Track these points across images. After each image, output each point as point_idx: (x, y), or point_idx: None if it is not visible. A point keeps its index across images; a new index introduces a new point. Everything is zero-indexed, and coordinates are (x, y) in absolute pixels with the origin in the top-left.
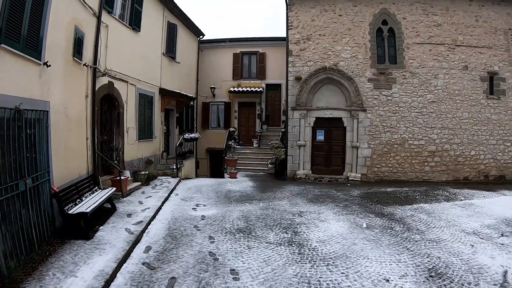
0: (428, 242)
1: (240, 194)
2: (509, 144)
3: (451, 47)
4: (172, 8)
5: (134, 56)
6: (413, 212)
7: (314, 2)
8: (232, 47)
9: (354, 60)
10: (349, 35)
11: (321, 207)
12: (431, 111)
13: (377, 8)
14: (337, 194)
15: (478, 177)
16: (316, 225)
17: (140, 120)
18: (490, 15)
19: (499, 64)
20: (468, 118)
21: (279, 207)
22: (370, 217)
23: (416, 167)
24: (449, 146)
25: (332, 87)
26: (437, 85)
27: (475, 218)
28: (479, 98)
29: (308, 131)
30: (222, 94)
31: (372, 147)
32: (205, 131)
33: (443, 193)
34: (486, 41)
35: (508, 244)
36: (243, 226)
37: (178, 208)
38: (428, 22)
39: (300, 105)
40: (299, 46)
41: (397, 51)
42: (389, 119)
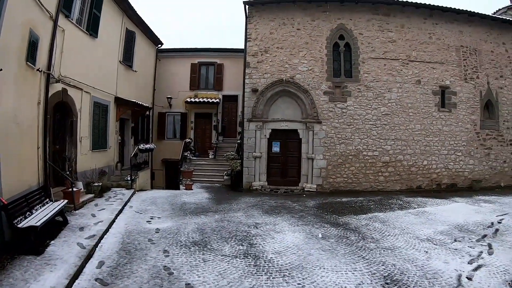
0: (383, 250)
1: (195, 206)
2: (460, 154)
3: (405, 62)
4: (131, 15)
5: (90, 63)
6: (368, 221)
7: (273, 16)
8: (190, 57)
9: (311, 73)
10: (306, 48)
11: (277, 218)
12: (385, 123)
13: (334, 23)
14: (292, 205)
15: (431, 186)
16: (272, 237)
17: (94, 130)
18: (443, 33)
19: (450, 79)
20: (421, 129)
21: (235, 219)
22: (325, 227)
23: (370, 177)
24: (403, 156)
25: (288, 100)
26: (391, 99)
27: (428, 225)
28: (431, 111)
29: (264, 143)
30: (179, 104)
31: (327, 159)
32: (161, 141)
33: (397, 202)
34: (439, 57)
35: (461, 249)
36: (199, 238)
37: (132, 221)
38: (384, 38)
39: (256, 117)
40: (257, 58)
41: (353, 65)
42: (344, 131)
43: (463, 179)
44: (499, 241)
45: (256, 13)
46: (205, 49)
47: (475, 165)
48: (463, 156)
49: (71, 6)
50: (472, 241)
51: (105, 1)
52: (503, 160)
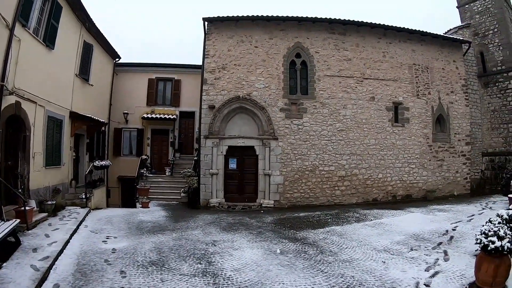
0: (342, 262)
1: (152, 224)
2: (413, 166)
3: (360, 80)
4: (89, 27)
5: (45, 75)
6: (325, 235)
7: (232, 33)
8: (148, 72)
9: (267, 91)
10: (263, 66)
11: (235, 235)
12: (340, 138)
13: (291, 41)
14: (250, 221)
15: (387, 198)
16: (230, 254)
17: (48, 145)
18: (397, 51)
19: (403, 95)
20: (375, 144)
21: (193, 237)
22: (283, 243)
23: (327, 191)
24: (358, 170)
25: (245, 116)
26: (346, 115)
27: (385, 236)
28: (385, 126)
29: (220, 160)
30: (136, 120)
31: (284, 174)
32: (117, 158)
33: (353, 215)
34: (392, 75)
35: (417, 258)
36: (156, 258)
37: (88, 241)
38: (339, 57)
39: (213, 134)
40: (214, 75)
41: (309, 82)
42: (300, 147)
43: (417, 190)
44: (454, 248)
45: (215, 30)
46: (163, 65)
47: (429, 176)
48: (417, 168)
49: (29, 15)
50: (428, 249)
51: (64, 12)
52: (456, 170)
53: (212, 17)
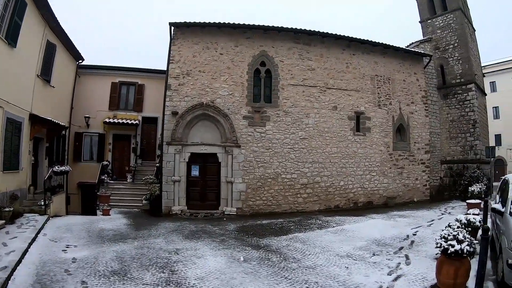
0: (305, 269)
1: (113, 232)
2: (374, 174)
3: (323, 89)
4: (54, 27)
5: (5, 75)
6: (288, 242)
7: (198, 39)
8: (111, 76)
9: (231, 98)
10: (228, 73)
11: (198, 243)
12: (302, 147)
13: (257, 50)
14: (213, 229)
15: (348, 205)
16: (193, 262)
17: (6, 148)
18: (360, 63)
19: (365, 105)
20: (337, 152)
21: (155, 246)
22: (247, 250)
23: (289, 199)
24: (320, 178)
25: (208, 123)
26: (309, 123)
27: (347, 242)
28: (347, 135)
29: (183, 167)
30: (97, 124)
31: (246, 182)
32: (77, 163)
33: (316, 222)
34: (355, 85)
35: (380, 262)
36: (118, 267)
37: (47, 250)
38: (303, 66)
39: (176, 140)
40: (178, 81)
41: (273, 91)
42: (263, 154)
43: (378, 197)
44: (415, 252)
45: (181, 36)
46: (127, 68)
47: (389, 183)
48: (377, 176)
49: None
50: (390, 253)
51: (28, 9)
52: (415, 177)
53: (179, 22)
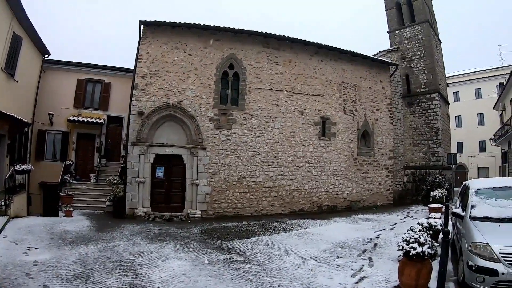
0: (270, 271)
1: (76, 235)
2: (338, 178)
3: (290, 94)
4: (21, 19)
5: None
6: (253, 244)
7: (167, 39)
8: (78, 72)
9: (198, 100)
10: (196, 74)
11: (162, 246)
12: (268, 150)
13: (226, 52)
14: (178, 231)
15: (313, 208)
16: (157, 265)
17: None
18: (327, 69)
19: (331, 111)
20: (302, 156)
21: (118, 248)
22: (211, 253)
23: (254, 202)
24: (285, 182)
25: (174, 124)
26: (275, 127)
27: (312, 245)
28: (312, 140)
29: (148, 168)
30: (61, 122)
31: (211, 184)
32: (40, 162)
33: (281, 225)
34: (322, 91)
35: (343, 265)
36: (81, 271)
37: (7, 252)
38: (271, 70)
39: (141, 141)
40: (146, 80)
41: (240, 94)
42: (228, 157)
43: (342, 200)
44: (378, 254)
45: (151, 34)
46: (94, 65)
47: (353, 188)
48: (342, 180)
49: None
50: (354, 256)
51: None
52: (379, 182)
53: (149, 21)
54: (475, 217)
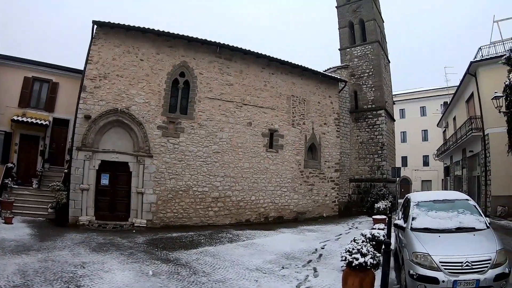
0: (215, 283)
1: (16, 243)
2: (285, 189)
3: (239, 105)
4: None
5: None
6: (198, 255)
7: (119, 41)
8: (25, 69)
9: (147, 106)
10: (146, 80)
11: (105, 256)
12: (215, 160)
13: (178, 59)
14: (122, 241)
15: (259, 219)
16: (100, 277)
17: None
18: (278, 82)
19: (279, 123)
20: (249, 167)
21: (60, 258)
22: (156, 264)
23: (200, 212)
24: (231, 192)
25: (121, 130)
26: (222, 138)
27: (257, 256)
28: (260, 151)
29: (92, 174)
30: (4, 122)
31: (157, 193)
32: None
33: (227, 235)
34: (271, 103)
35: (288, 275)
36: (20, 282)
37: None
38: (222, 81)
39: (86, 146)
40: (95, 83)
41: (189, 102)
42: (175, 166)
43: (289, 211)
44: (323, 264)
45: (103, 36)
46: (42, 63)
47: (300, 199)
48: (288, 192)
49: None
50: (299, 266)
51: None
52: (325, 194)
53: (103, 22)
54: (416, 228)
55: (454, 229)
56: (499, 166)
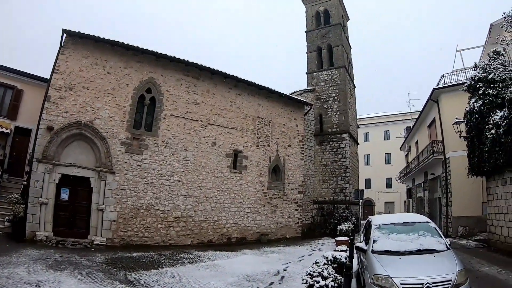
0: None
1: None
2: (248, 211)
3: (205, 125)
4: None
5: None
6: (158, 276)
7: (88, 52)
8: None
9: (111, 121)
10: (112, 94)
11: (62, 275)
12: (178, 179)
13: (145, 75)
14: (80, 260)
15: (222, 240)
16: None
17: None
18: (244, 103)
19: (244, 144)
20: (212, 188)
21: (15, 275)
22: (114, 285)
23: (162, 231)
24: (194, 212)
25: (84, 144)
26: (186, 157)
27: (218, 278)
28: (224, 171)
29: (52, 188)
30: None
31: (118, 211)
32: None
33: (188, 256)
34: (236, 124)
35: None
36: None
37: None
38: (189, 99)
39: (47, 158)
40: (60, 94)
41: (155, 119)
42: (137, 184)
43: (252, 233)
44: (285, 287)
45: (72, 46)
46: (7, 68)
47: (263, 221)
48: (251, 213)
49: None
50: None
51: None
52: (288, 215)
53: (73, 31)
54: (377, 251)
55: (415, 251)
56: (459, 188)
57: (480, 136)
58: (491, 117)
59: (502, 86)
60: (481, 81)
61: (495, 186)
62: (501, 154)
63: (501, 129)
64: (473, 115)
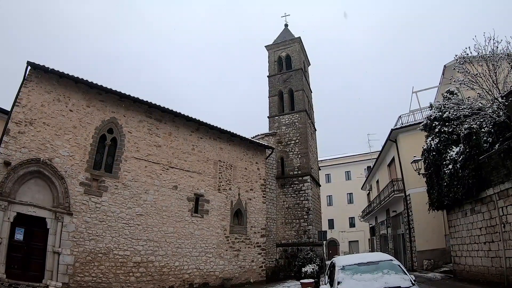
0: None
1: None
2: (210, 255)
3: (166, 168)
4: None
5: None
6: None
7: (51, 88)
8: None
9: (71, 160)
10: (73, 133)
11: None
12: (138, 223)
13: (108, 115)
14: None
15: (184, 286)
16: None
17: None
18: (206, 147)
19: (205, 188)
20: (174, 232)
21: None
22: None
23: (121, 277)
24: (154, 257)
25: (41, 183)
26: (147, 200)
27: None
28: (185, 215)
29: (6, 227)
30: None
31: (75, 255)
32: None
33: None
34: (198, 167)
35: None
36: None
37: None
38: (151, 141)
39: (3, 195)
40: (20, 128)
41: (115, 161)
42: (96, 226)
43: (214, 278)
44: None
45: (35, 79)
46: None
47: (225, 265)
48: (213, 257)
49: None
50: None
51: None
52: (251, 259)
53: (38, 64)
54: None
55: None
56: (421, 222)
57: (438, 172)
58: (448, 153)
59: (456, 123)
60: (436, 120)
61: (456, 219)
62: (460, 188)
63: (458, 164)
64: (430, 152)
